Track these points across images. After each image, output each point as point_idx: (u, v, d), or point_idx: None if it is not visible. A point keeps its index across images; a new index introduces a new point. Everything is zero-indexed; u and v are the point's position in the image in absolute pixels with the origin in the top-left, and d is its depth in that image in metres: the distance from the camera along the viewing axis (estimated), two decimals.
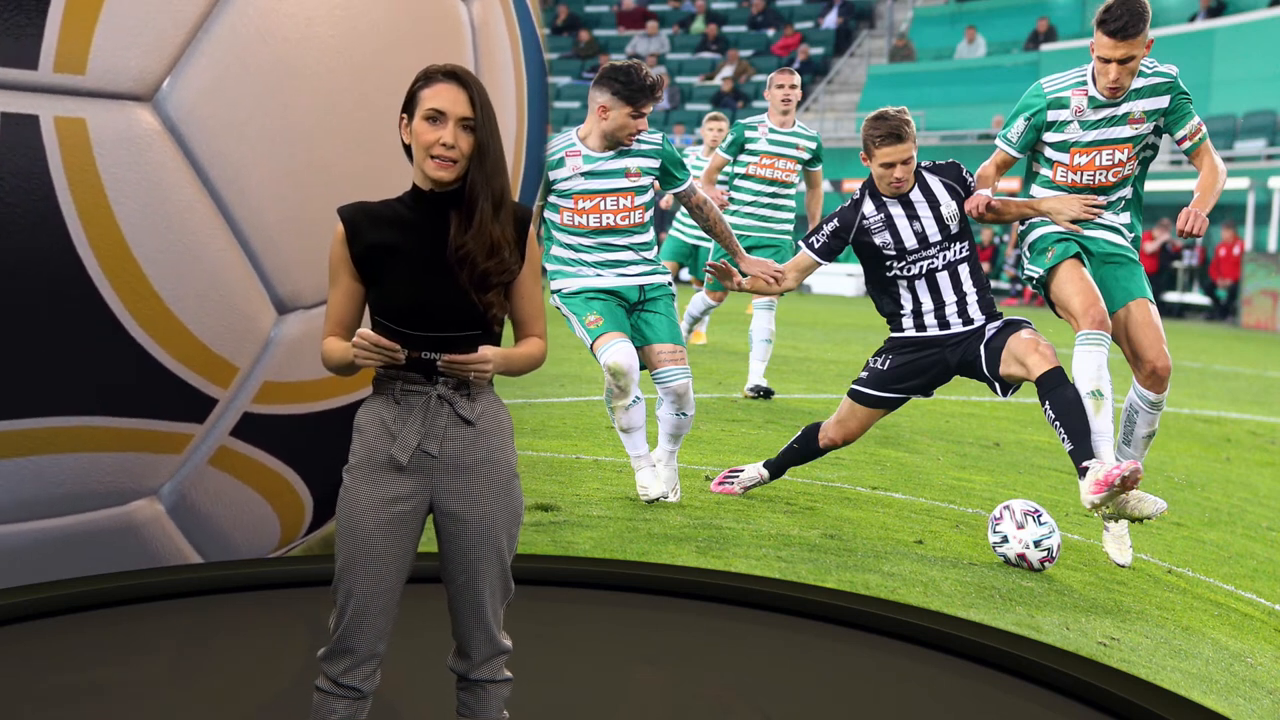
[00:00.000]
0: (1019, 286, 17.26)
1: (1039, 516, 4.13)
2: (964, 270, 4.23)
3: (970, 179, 4.27)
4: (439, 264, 2.06)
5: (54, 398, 2.58)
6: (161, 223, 2.55)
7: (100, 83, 2.47)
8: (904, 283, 4.25)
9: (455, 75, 2.07)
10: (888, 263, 4.26)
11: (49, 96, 2.43)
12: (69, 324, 2.53)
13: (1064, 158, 4.22)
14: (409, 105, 2.09)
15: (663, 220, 10.36)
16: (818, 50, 24.25)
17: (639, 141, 4.49)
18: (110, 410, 2.64)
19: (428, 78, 2.08)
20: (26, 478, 2.62)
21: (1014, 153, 4.31)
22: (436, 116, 2.05)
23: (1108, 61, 4.05)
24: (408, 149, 2.11)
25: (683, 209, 6.13)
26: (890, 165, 4.15)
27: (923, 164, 4.29)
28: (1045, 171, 4.30)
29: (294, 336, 2.80)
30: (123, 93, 2.49)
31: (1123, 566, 4.23)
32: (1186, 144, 4.17)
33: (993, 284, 9.62)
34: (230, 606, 3.03)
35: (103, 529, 2.79)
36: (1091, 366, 4.03)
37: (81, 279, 2.50)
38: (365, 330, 2.01)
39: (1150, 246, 16.69)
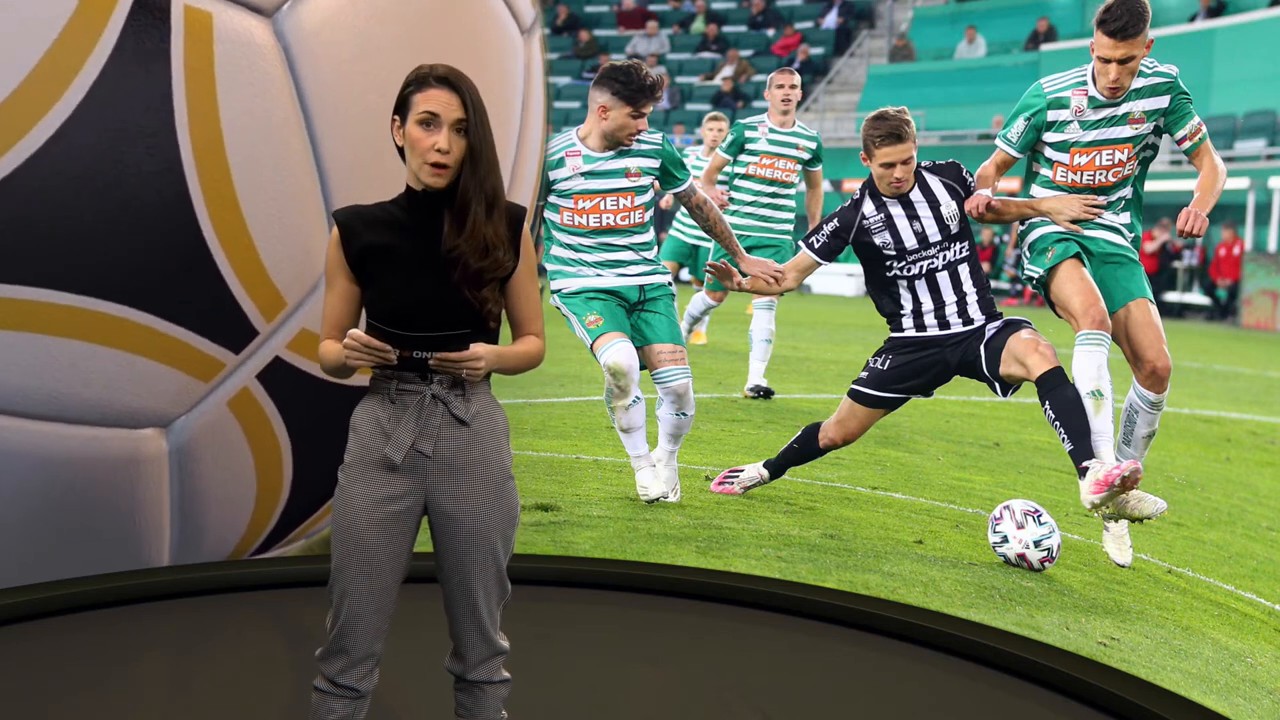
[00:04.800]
0: (1019, 286, 17.25)
1: (1039, 516, 4.13)
2: (964, 270, 4.23)
3: (970, 179, 4.26)
4: (433, 264, 2.06)
5: (111, 278, 2.59)
6: (258, 133, 2.67)
7: None
8: (904, 283, 4.25)
9: (447, 79, 2.07)
10: (888, 263, 4.25)
11: None
12: (150, 206, 2.57)
13: (1064, 158, 4.22)
14: (401, 108, 2.09)
15: (663, 220, 10.36)
16: (818, 50, 24.24)
17: (639, 141, 4.49)
18: (159, 310, 2.66)
19: (420, 81, 2.08)
20: (62, 365, 2.62)
21: (1014, 153, 4.31)
22: (430, 120, 2.05)
23: (1108, 61, 4.04)
24: (400, 150, 2.11)
25: (683, 209, 6.13)
26: (890, 165, 4.15)
27: (923, 164, 4.29)
28: (1045, 171, 4.29)
29: None
30: (248, 1, 2.66)
31: (1123, 566, 4.23)
32: (1186, 144, 4.17)
33: (993, 284, 9.62)
34: (230, 606, 3.03)
35: (106, 456, 2.76)
36: (1091, 366, 4.03)
37: (174, 164, 2.58)
38: (356, 331, 2.01)
39: (1150, 246, 16.68)
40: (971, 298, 4.22)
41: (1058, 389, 3.95)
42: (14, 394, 2.61)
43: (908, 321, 4.27)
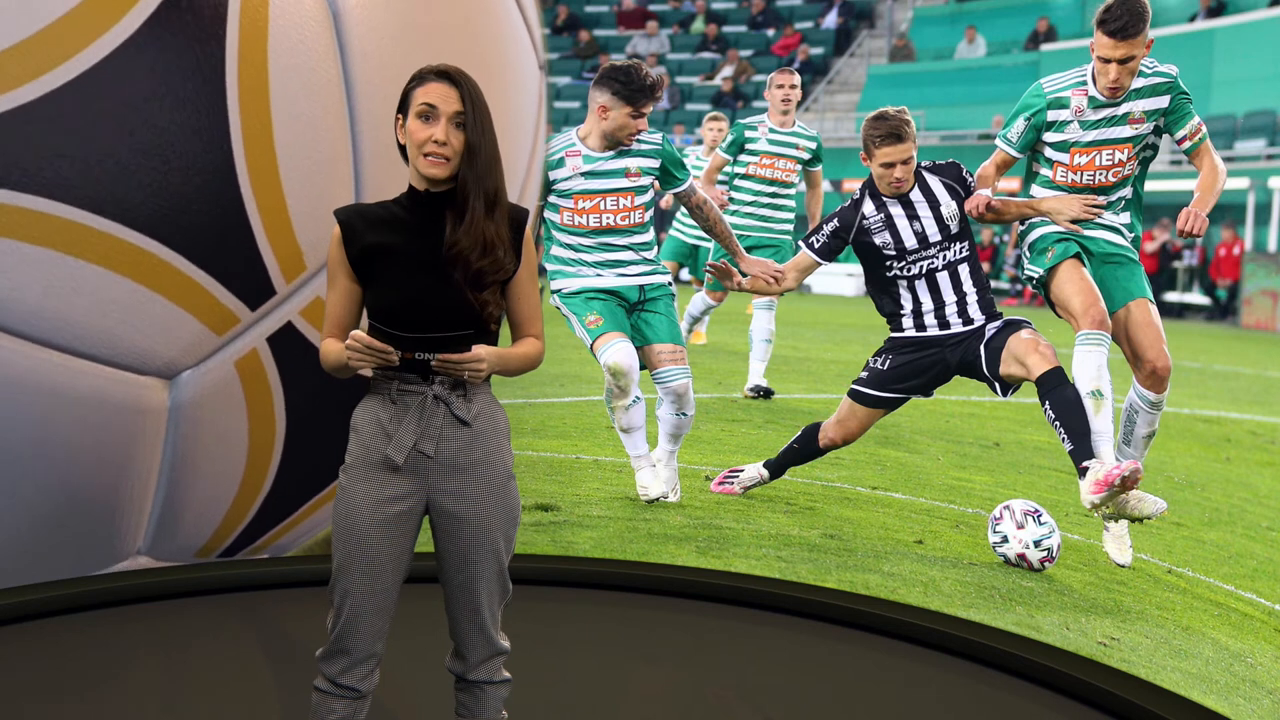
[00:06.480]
0: (1019, 286, 17.25)
1: (1039, 516, 4.13)
2: (964, 270, 4.23)
3: (970, 179, 4.26)
4: (434, 264, 2.06)
5: (141, 207, 2.60)
6: (301, 90, 2.73)
7: None
8: (904, 283, 4.25)
9: (447, 74, 2.08)
10: (888, 263, 4.26)
11: None
12: (189, 142, 2.60)
13: (1064, 158, 4.22)
14: (403, 105, 2.10)
15: (663, 220, 10.36)
16: (818, 50, 24.24)
17: (639, 141, 4.49)
18: (184, 248, 2.66)
19: (420, 78, 2.09)
20: (82, 287, 2.60)
21: (1014, 153, 4.31)
22: (429, 112, 2.06)
23: (1108, 61, 4.05)
24: (403, 150, 2.12)
25: (683, 209, 6.13)
26: (890, 165, 4.15)
27: (923, 164, 4.29)
28: (1045, 171, 4.29)
29: None
30: None
31: (1123, 566, 4.23)
32: (1186, 144, 4.17)
33: (993, 284, 9.62)
34: (230, 606, 3.03)
35: (107, 399, 2.72)
36: (1091, 366, 4.03)
37: (219, 104, 2.62)
38: (358, 332, 2.01)
39: (1150, 246, 16.68)
40: (971, 298, 4.22)
41: (1058, 389, 3.95)
42: (29, 314, 2.58)
43: (908, 321, 4.27)
